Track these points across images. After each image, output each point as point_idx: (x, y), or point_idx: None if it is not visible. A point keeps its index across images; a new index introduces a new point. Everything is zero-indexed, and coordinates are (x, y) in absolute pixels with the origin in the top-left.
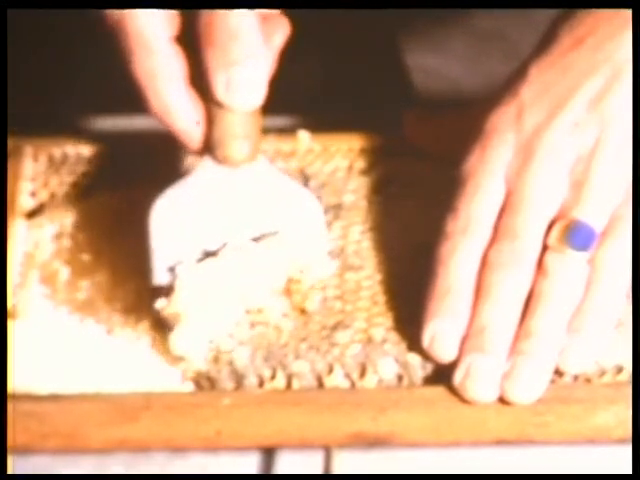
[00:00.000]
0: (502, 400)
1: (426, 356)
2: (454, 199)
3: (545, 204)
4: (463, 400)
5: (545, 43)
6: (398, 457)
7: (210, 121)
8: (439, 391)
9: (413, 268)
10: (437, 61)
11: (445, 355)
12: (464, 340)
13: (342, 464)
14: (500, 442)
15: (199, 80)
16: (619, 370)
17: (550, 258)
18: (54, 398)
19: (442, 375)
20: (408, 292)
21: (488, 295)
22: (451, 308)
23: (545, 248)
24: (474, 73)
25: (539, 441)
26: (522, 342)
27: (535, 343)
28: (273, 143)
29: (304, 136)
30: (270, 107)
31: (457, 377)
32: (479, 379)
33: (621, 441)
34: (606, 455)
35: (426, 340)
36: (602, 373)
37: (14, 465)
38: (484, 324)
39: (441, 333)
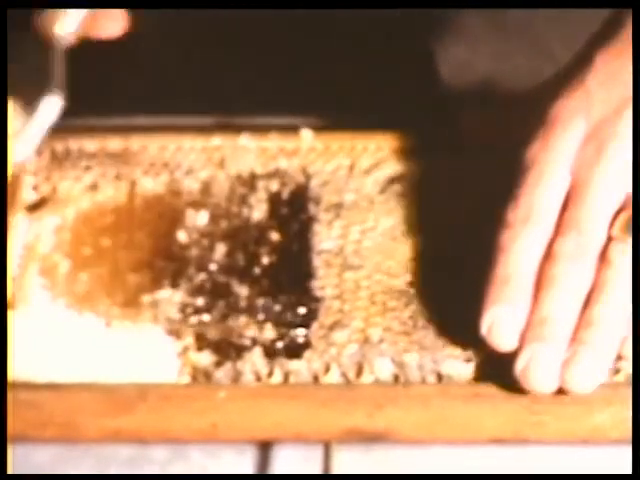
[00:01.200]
0: (560, 390)
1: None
2: (515, 187)
3: (612, 197)
4: (459, 398)
5: (609, 29)
6: (397, 455)
7: None
8: (436, 388)
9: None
10: (466, 53)
11: (504, 343)
12: (525, 330)
13: (341, 462)
14: (496, 441)
15: None
16: (617, 371)
17: (614, 249)
18: (51, 387)
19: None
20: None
21: (552, 286)
22: (511, 296)
23: (609, 239)
24: (501, 67)
25: (535, 440)
26: (583, 331)
27: (596, 332)
28: (275, 141)
29: (307, 134)
30: (273, 105)
31: (518, 367)
32: (541, 369)
33: (617, 442)
34: (602, 456)
35: (484, 327)
36: None
37: (14, 464)
38: (547, 315)
39: (500, 321)
